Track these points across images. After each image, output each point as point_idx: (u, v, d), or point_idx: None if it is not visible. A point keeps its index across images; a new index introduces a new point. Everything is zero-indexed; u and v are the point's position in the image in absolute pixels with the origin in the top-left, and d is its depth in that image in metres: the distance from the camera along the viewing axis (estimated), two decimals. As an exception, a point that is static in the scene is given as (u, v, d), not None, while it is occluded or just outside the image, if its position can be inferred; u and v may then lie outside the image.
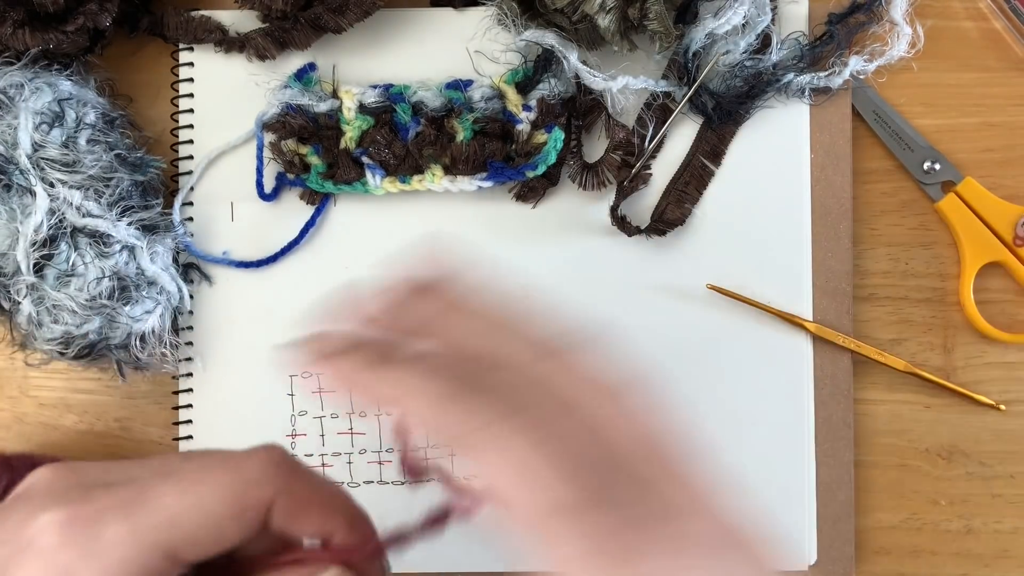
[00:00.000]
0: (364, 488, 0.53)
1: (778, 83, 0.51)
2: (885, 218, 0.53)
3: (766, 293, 0.52)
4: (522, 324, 0.30)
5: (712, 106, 0.52)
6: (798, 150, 0.52)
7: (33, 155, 0.47)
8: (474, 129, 0.51)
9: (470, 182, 0.51)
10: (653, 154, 0.52)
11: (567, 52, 0.49)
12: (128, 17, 0.52)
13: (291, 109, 0.51)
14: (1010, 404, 0.53)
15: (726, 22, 0.50)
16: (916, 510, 0.53)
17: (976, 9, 0.54)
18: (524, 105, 0.51)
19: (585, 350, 0.30)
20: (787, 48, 0.52)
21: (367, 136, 0.51)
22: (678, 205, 0.52)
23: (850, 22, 0.52)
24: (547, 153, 0.50)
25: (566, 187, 0.52)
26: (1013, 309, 0.53)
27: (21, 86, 0.48)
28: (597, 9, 0.48)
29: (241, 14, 0.53)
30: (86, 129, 0.49)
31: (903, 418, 0.53)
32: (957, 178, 0.53)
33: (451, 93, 0.51)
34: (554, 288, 0.52)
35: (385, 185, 0.51)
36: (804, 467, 0.52)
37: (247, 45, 0.52)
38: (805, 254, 0.52)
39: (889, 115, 0.53)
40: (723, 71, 0.52)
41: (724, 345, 0.52)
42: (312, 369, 0.31)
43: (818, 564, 0.52)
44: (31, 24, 0.48)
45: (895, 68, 0.53)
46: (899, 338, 0.53)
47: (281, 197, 0.53)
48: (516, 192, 0.52)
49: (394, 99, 0.51)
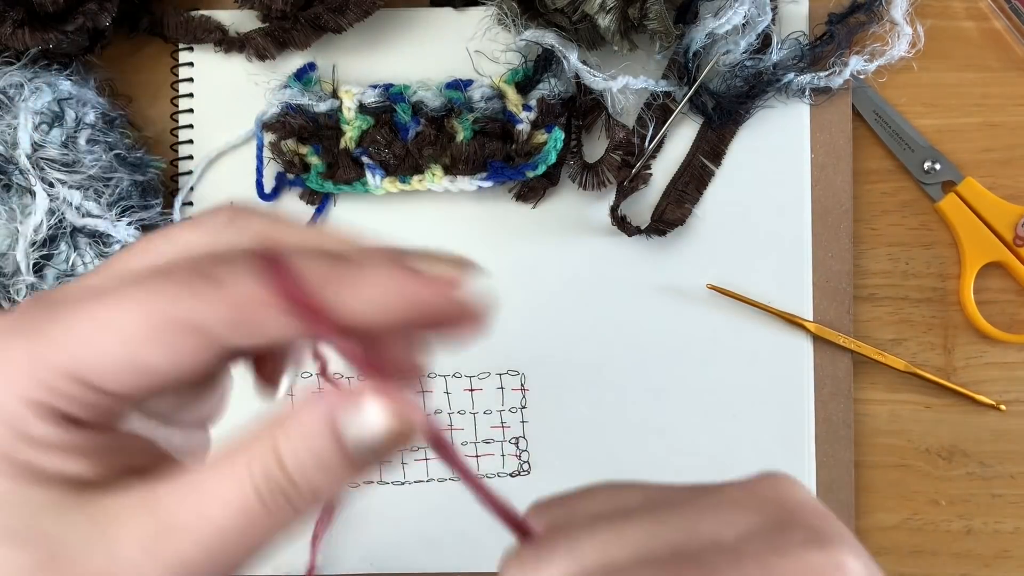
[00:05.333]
0: (363, 488, 0.53)
1: (778, 83, 0.51)
2: (885, 218, 0.53)
3: (766, 293, 0.52)
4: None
5: (712, 106, 0.52)
6: (798, 150, 0.52)
7: (33, 155, 0.47)
8: (474, 129, 0.51)
9: (470, 182, 0.51)
10: (653, 154, 0.52)
11: (567, 52, 0.49)
12: (128, 17, 0.52)
13: (291, 109, 0.51)
14: (1010, 404, 0.53)
15: (726, 22, 0.50)
16: (916, 510, 0.53)
17: (976, 9, 0.54)
18: (524, 105, 0.51)
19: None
20: (787, 48, 0.52)
21: (367, 136, 0.51)
22: (678, 205, 0.52)
23: (850, 22, 0.52)
24: (547, 153, 0.50)
25: (566, 187, 0.52)
26: (1013, 309, 0.53)
27: (21, 86, 0.48)
28: (597, 9, 0.48)
29: (241, 14, 0.52)
30: (86, 129, 0.49)
31: (903, 418, 0.53)
32: (957, 178, 0.53)
33: (451, 93, 0.51)
34: (554, 289, 0.52)
35: (385, 185, 0.51)
36: (804, 467, 0.52)
37: (247, 45, 0.52)
38: (805, 254, 0.52)
39: (889, 115, 0.53)
40: (723, 71, 0.52)
41: (724, 345, 0.52)
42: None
43: (818, 564, 0.52)
44: (31, 24, 0.48)
45: (895, 68, 0.53)
46: (899, 338, 0.53)
47: (281, 197, 0.53)
48: (516, 192, 0.52)
49: (394, 99, 0.51)
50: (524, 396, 0.52)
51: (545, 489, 0.52)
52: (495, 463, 0.53)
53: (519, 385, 0.52)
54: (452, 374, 0.53)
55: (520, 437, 0.53)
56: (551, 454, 0.52)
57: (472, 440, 0.53)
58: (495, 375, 0.53)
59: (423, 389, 0.25)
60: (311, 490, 0.23)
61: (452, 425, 0.53)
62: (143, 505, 0.24)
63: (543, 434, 0.52)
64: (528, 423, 0.53)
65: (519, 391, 0.53)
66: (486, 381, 0.53)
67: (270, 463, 0.23)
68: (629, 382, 0.52)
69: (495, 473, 0.53)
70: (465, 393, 0.53)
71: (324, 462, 0.23)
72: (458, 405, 0.53)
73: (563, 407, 0.52)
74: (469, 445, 0.53)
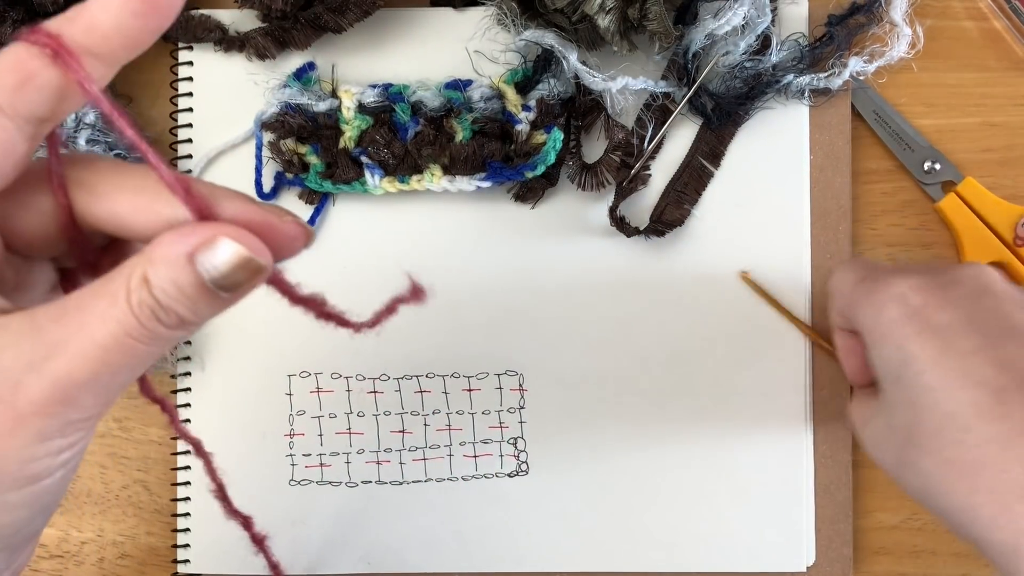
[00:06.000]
0: (362, 488, 0.53)
1: (778, 84, 0.51)
2: (885, 218, 0.53)
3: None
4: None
5: (711, 107, 0.52)
6: (798, 151, 0.52)
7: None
8: (473, 129, 0.51)
9: (469, 182, 0.51)
10: (652, 155, 0.52)
11: (567, 52, 0.49)
12: (127, 17, 0.52)
13: (290, 108, 0.51)
14: (1009, 405, 0.53)
15: (726, 23, 0.50)
16: (916, 510, 0.53)
17: (976, 9, 0.53)
18: (523, 105, 0.51)
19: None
20: (787, 49, 0.52)
21: (366, 136, 0.51)
22: (677, 206, 0.52)
23: (850, 23, 0.52)
24: (546, 153, 0.50)
25: (565, 188, 0.52)
26: (1013, 310, 0.53)
27: (20, 86, 0.48)
28: (597, 9, 0.48)
29: (241, 13, 0.52)
30: (85, 129, 0.49)
31: (902, 419, 0.53)
32: (957, 178, 0.53)
33: (450, 93, 0.51)
34: (552, 289, 0.52)
35: (384, 185, 0.51)
36: (803, 467, 0.52)
37: (247, 44, 0.52)
38: (804, 255, 0.52)
39: (889, 115, 0.53)
40: (723, 72, 0.52)
41: (722, 345, 0.52)
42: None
43: (816, 565, 0.52)
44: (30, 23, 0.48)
45: (895, 68, 0.53)
46: (898, 339, 0.53)
47: (280, 196, 0.53)
48: (515, 192, 0.52)
49: (393, 99, 0.51)
50: (522, 396, 0.53)
51: (544, 490, 0.52)
52: (493, 463, 0.53)
53: (517, 385, 0.53)
54: (450, 374, 0.53)
55: (518, 437, 0.53)
56: (549, 454, 0.52)
57: (470, 440, 0.53)
58: (493, 375, 0.53)
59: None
60: (177, 314, 0.27)
61: (450, 425, 0.53)
62: (24, 329, 0.26)
63: (541, 434, 0.53)
64: (526, 423, 0.53)
65: (517, 391, 0.53)
66: (484, 381, 0.53)
67: (142, 288, 0.26)
68: (627, 383, 0.52)
69: (493, 473, 0.53)
70: (463, 393, 0.53)
71: (184, 290, 0.26)
72: (456, 405, 0.53)
73: (561, 407, 0.52)
74: (467, 445, 0.53)
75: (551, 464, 0.53)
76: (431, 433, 0.53)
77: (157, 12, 0.27)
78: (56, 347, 0.26)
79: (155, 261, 0.26)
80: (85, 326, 0.26)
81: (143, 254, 0.26)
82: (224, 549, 0.53)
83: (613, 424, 0.52)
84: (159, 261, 0.26)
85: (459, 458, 0.53)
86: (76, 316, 0.26)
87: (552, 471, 0.52)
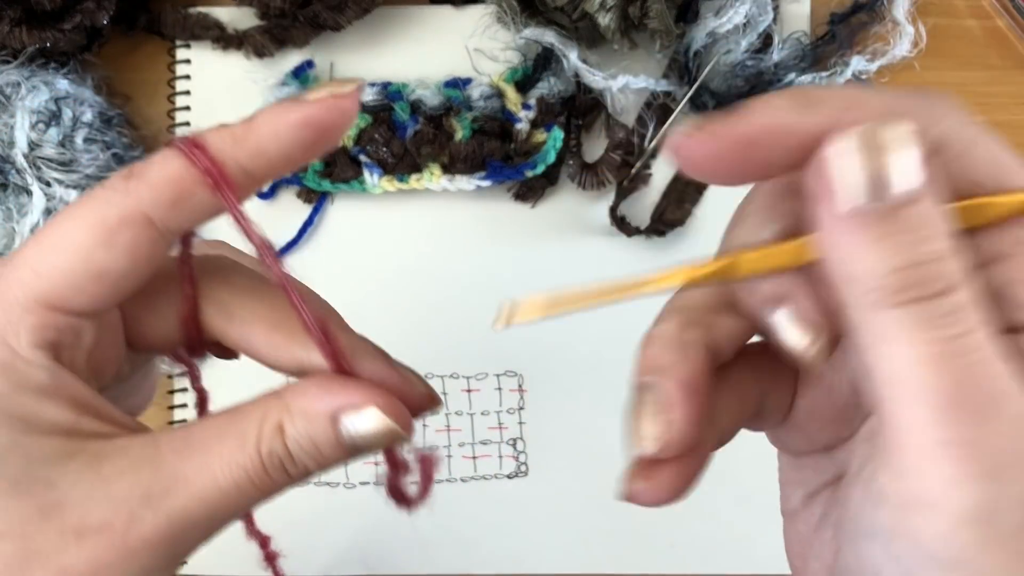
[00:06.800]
0: (360, 489, 0.52)
1: (779, 83, 0.51)
2: (887, 218, 0.53)
3: (766, 294, 0.52)
4: None
5: (713, 106, 0.51)
6: (799, 150, 0.52)
7: (30, 154, 0.47)
8: (473, 128, 0.51)
9: (468, 181, 0.51)
10: (653, 154, 0.52)
11: (567, 50, 0.49)
12: (125, 15, 0.52)
13: (289, 107, 0.51)
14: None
15: (727, 21, 0.50)
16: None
17: (979, 7, 0.53)
18: (523, 104, 0.51)
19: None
20: (789, 48, 0.51)
21: (365, 134, 0.51)
22: (678, 206, 0.52)
23: (852, 22, 0.52)
24: (546, 152, 0.50)
25: (565, 187, 0.52)
26: (1015, 310, 0.53)
27: (18, 84, 0.48)
28: (597, 7, 0.48)
29: (239, 11, 0.52)
30: (83, 128, 0.49)
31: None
32: (959, 178, 0.52)
33: (450, 91, 0.51)
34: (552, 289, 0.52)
35: (383, 184, 0.51)
36: (804, 469, 0.51)
37: (245, 42, 0.52)
38: (806, 255, 0.52)
39: (891, 114, 0.52)
40: (724, 70, 0.52)
41: (724, 346, 0.52)
42: None
43: (817, 566, 0.52)
44: (28, 22, 0.48)
45: (897, 67, 0.52)
46: (900, 339, 0.53)
47: (278, 195, 0.53)
48: (515, 192, 0.52)
49: (392, 97, 0.51)
50: (522, 397, 0.52)
51: (543, 491, 0.52)
52: (492, 464, 0.52)
53: (517, 386, 0.52)
54: (449, 375, 0.52)
55: (518, 438, 0.52)
56: (549, 456, 0.52)
57: (469, 441, 0.53)
58: (493, 376, 0.52)
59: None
60: (305, 467, 0.26)
61: (449, 426, 0.53)
62: (145, 456, 0.25)
63: (541, 435, 0.52)
64: (526, 424, 0.52)
65: (517, 392, 0.52)
66: (484, 382, 0.52)
67: (275, 438, 0.26)
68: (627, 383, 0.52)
69: (492, 475, 0.52)
70: (463, 394, 0.53)
71: (321, 448, 0.26)
72: (455, 406, 0.53)
73: (561, 408, 0.52)
74: (466, 446, 0.53)
75: (551, 465, 0.52)
76: (430, 434, 0.53)
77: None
78: (176, 483, 0.25)
79: (294, 412, 0.26)
80: (208, 467, 0.25)
81: (279, 399, 0.26)
82: (224, 549, 0.52)
83: (613, 424, 0.52)
84: (299, 414, 0.26)
85: (458, 459, 0.53)
86: (200, 452, 0.26)
87: (552, 472, 0.52)
